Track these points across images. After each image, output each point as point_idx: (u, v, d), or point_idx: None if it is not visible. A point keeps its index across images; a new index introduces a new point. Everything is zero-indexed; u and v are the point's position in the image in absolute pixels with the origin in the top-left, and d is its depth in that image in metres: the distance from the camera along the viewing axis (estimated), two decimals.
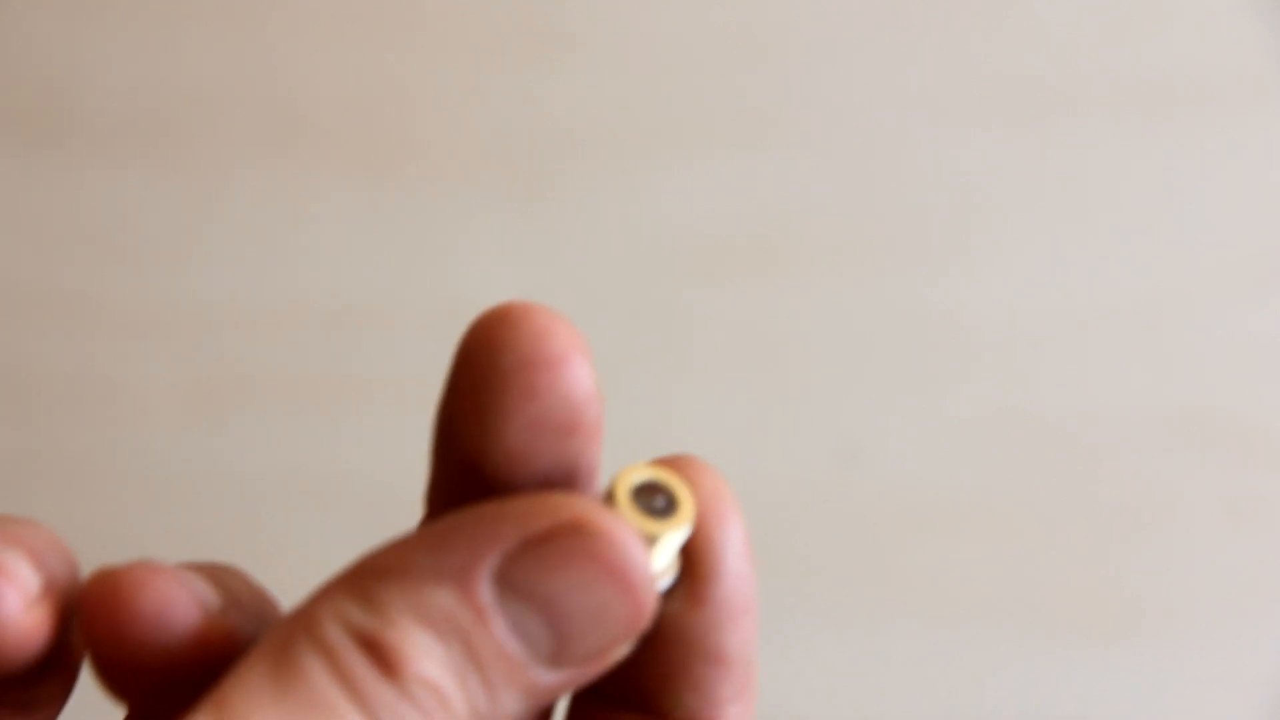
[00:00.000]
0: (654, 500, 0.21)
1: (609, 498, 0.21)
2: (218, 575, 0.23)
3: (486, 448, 0.21)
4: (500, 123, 0.57)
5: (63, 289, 0.57)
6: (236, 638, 0.22)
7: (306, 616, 0.20)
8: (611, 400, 0.55)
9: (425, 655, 0.19)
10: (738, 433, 0.56)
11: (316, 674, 0.19)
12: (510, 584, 0.20)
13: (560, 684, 0.20)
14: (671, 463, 0.22)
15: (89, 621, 0.22)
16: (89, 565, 0.24)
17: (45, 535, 0.23)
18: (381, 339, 0.56)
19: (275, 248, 0.57)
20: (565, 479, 0.21)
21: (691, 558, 0.22)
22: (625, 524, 0.20)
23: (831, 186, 0.57)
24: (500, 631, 0.20)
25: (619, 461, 0.22)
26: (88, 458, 0.57)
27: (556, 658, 0.20)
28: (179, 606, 0.22)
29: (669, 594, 0.22)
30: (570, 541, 0.20)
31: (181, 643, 0.22)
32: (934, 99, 0.57)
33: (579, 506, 0.20)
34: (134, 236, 0.57)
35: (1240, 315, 0.56)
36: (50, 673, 0.23)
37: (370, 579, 0.20)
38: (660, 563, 0.21)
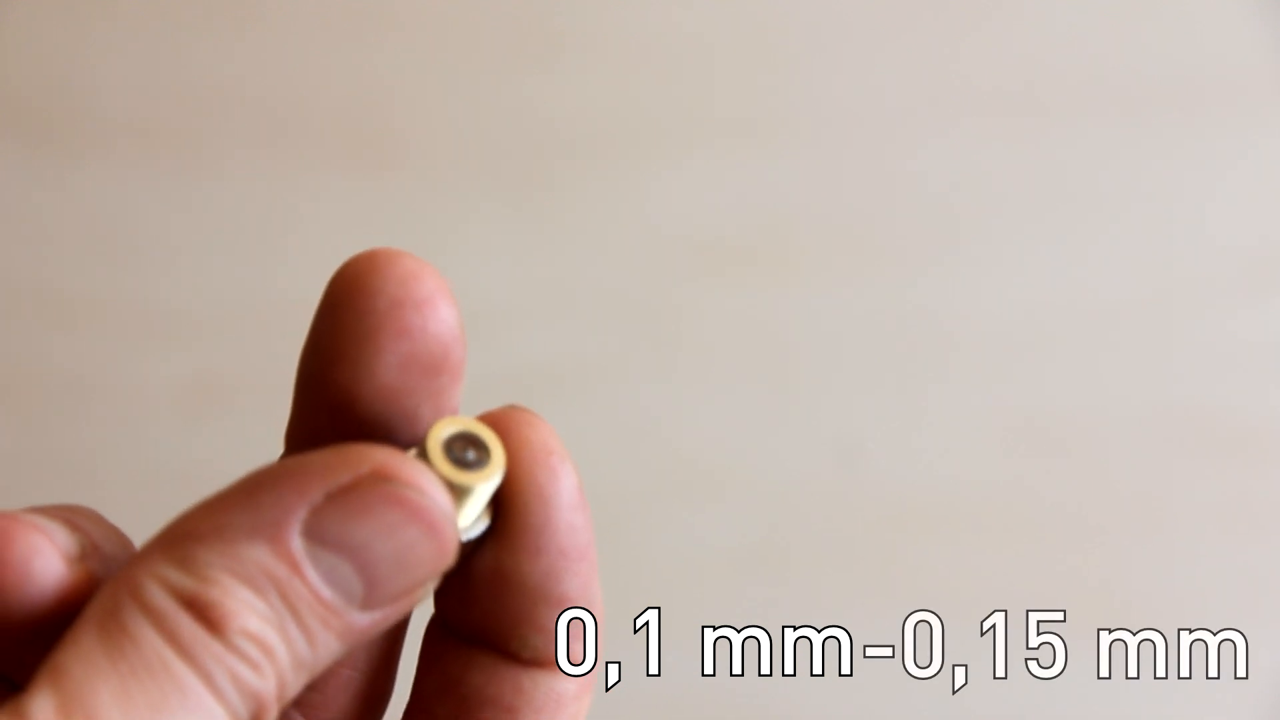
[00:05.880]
0: (465, 453, 0.23)
1: (421, 451, 0.23)
2: (73, 519, 0.23)
3: (358, 387, 0.23)
4: (499, 122, 0.57)
5: (63, 289, 0.57)
6: (98, 583, 0.23)
7: (129, 582, 0.21)
8: (610, 399, 0.55)
9: (247, 609, 0.20)
10: (738, 432, 0.56)
11: (146, 636, 0.20)
12: (319, 535, 0.21)
13: (373, 624, 0.22)
14: (502, 415, 0.24)
15: None
16: None
17: None
18: None
19: (274, 248, 0.57)
20: (431, 417, 0.23)
21: (524, 510, 0.23)
22: (423, 469, 0.22)
23: (832, 186, 0.57)
24: (313, 580, 0.21)
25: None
26: (86, 458, 0.57)
27: (368, 601, 0.21)
28: (43, 556, 0.22)
29: (488, 540, 0.23)
30: (372, 490, 0.21)
31: (46, 591, 0.22)
32: (934, 100, 0.57)
33: (379, 456, 0.22)
34: (134, 236, 0.57)
35: (1240, 315, 0.56)
36: None
37: (187, 541, 0.21)
38: (471, 511, 0.23)
